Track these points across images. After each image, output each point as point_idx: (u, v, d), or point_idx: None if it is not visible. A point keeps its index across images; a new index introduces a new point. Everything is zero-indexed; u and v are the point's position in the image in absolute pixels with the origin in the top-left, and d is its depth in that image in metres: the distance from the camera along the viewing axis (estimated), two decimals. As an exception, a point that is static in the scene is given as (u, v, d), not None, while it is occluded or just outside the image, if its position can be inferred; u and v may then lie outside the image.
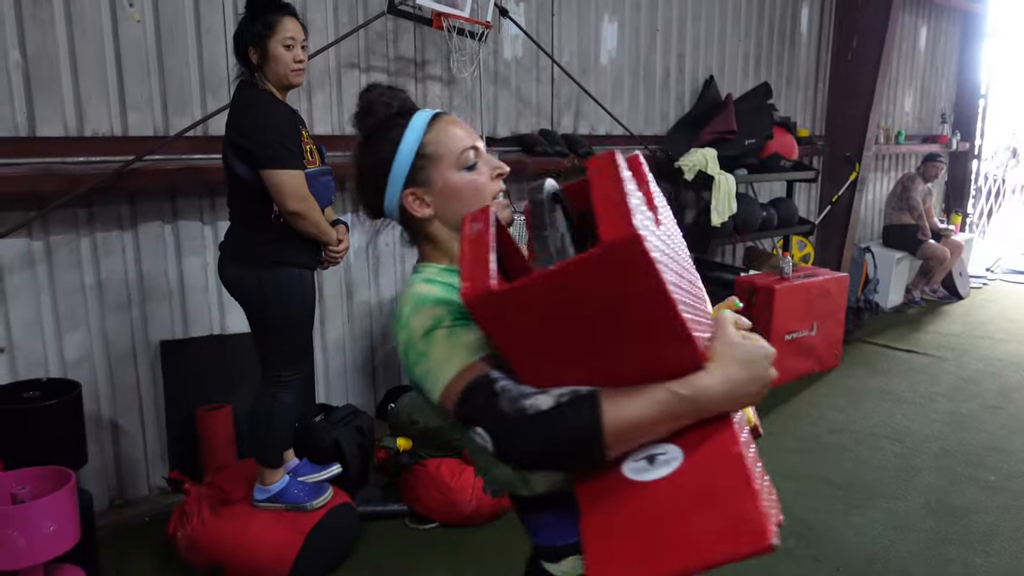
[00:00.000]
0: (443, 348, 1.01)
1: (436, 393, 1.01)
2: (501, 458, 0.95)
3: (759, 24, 5.87)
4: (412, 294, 1.09)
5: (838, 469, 3.67)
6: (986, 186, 9.45)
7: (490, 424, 0.94)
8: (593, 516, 0.93)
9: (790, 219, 5.44)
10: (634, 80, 5.05)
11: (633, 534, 0.89)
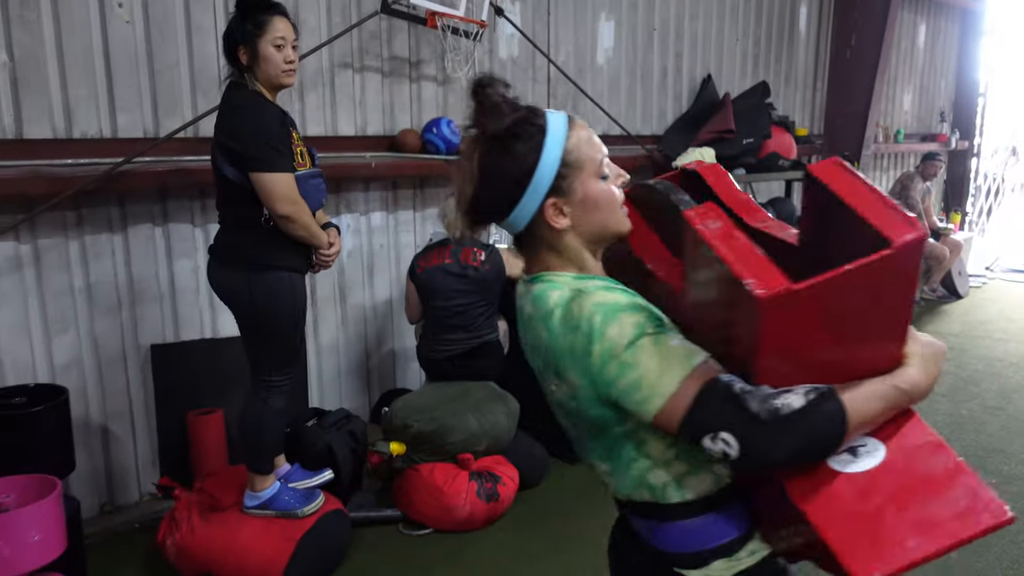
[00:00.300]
0: (655, 356, 1.00)
1: (653, 403, 0.99)
2: (745, 461, 0.94)
3: (757, 23, 5.84)
4: (596, 303, 1.04)
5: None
6: (985, 184, 9.41)
7: (738, 427, 0.93)
8: (819, 512, 0.95)
9: (789, 218, 5.39)
10: (631, 79, 5.01)
11: (872, 524, 0.92)
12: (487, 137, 1.11)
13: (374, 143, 3.77)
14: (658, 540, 1.16)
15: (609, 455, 1.14)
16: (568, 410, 1.14)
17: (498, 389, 3.38)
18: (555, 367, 1.10)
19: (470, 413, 3.16)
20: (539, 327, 1.12)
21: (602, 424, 1.09)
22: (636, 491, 1.15)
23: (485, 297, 3.35)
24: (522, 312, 1.19)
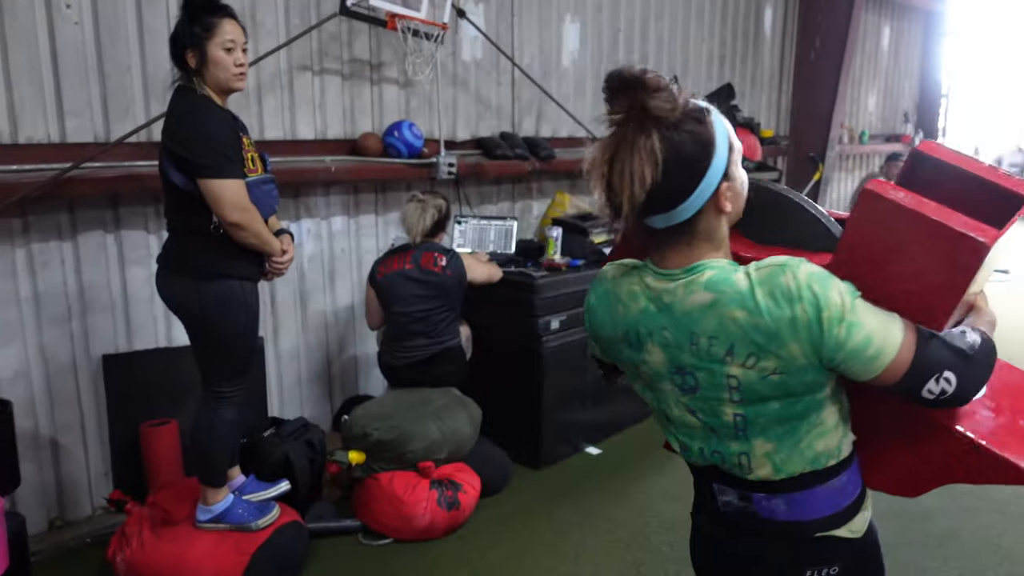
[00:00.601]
0: (873, 314, 1.09)
1: (886, 354, 1.08)
2: (958, 395, 1.10)
3: (723, 24, 5.86)
4: (808, 272, 1.08)
5: (800, 474, 3.65)
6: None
7: (956, 364, 1.08)
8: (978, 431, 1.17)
9: (754, 220, 5.43)
10: (597, 81, 4.99)
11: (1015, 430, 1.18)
12: (662, 122, 1.08)
13: (334, 147, 3.72)
14: (801, 511, 1.20)
15: (782, 432, 1.17)
16: (759, 389, 1.13)
17: (460, 395, 3.36)
18: (760, 344, 1.10)
19: (431, 420, 3.12)
20: (731, 310, 1.11)
21: (805, 390, 1.13)
22: (798, 463, 1.19)
23: (447, 302, 3.32)
24: (684, 297, 1.15)
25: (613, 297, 1.25)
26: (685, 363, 1.18)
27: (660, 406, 1.28)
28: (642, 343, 1.21)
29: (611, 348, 1.29)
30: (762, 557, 1.25)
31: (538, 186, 4.76)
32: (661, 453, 3.97)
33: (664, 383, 1.22)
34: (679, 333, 1.16)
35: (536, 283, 3.53)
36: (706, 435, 1.23)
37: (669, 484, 3.55)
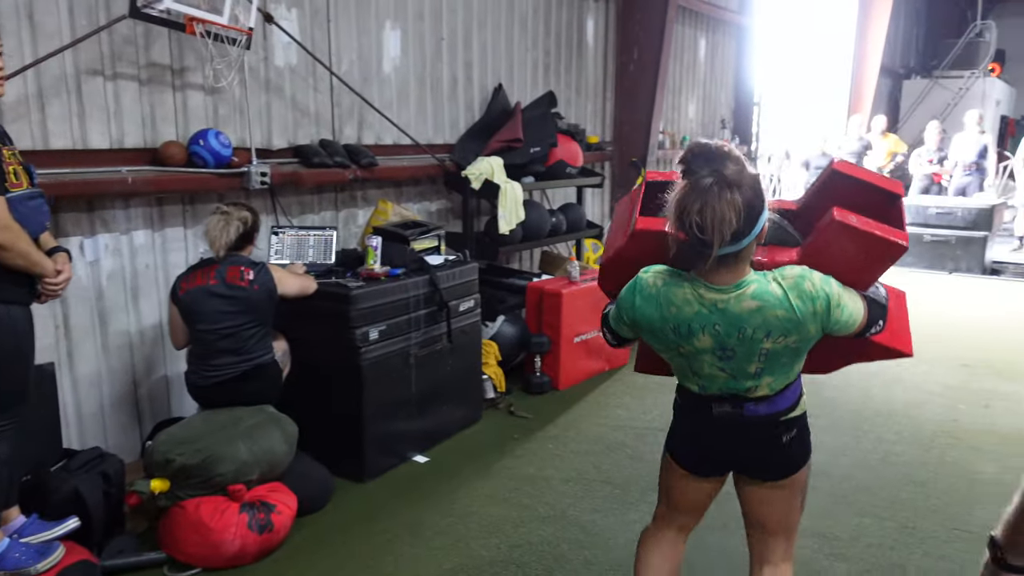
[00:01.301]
0: (849, 296, 1.84)
1: (857, 319, 1.85)
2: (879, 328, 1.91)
3: (546, 34, 6.02)
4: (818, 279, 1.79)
5: (617, 467, 3.81)
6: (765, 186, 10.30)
7: (882, 312, 1.90)
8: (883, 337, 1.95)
9: (578, 223, 5.63)
10: (420, 88, 5.00)
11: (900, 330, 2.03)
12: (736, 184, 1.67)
13: (133, 156, 3.51)
14: (776, 405, 1.90)
15: (781, 370, 1.86)
16: (790, 352, 1.83)
17: (274, 413, 3.25)
18: (792, 330, 1.78)
19: (241, 441, 3.01)
20: (773, 311, 1.76)
21: (805, 347, 1.86)
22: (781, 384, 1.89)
23: (256, 318, 3.21)
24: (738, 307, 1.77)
25: (664, 300, 1.84)
26: (730, 345, 1.81)
27: (691, 366, 1.90)
28: (693, 333, 1.82)
29: (653, 333, 1.90)
30: (746, 436, 1.95)
31: (363, 194, 4.70)
32: (489, 457, 4.03)
33: (705, 356, 1.85)
34: (730, 327, 1.79)
35: (352, 294, 3.48)
36: (726, 380, 1.88)
37: (494, 488, 3.60)
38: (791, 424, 1.93)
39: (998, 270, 9.11)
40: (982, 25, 15.03)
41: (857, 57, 12.29)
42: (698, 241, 1.69)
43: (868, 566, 2.97)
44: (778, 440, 1.94)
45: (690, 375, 1.93)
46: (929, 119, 12.29)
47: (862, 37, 12.26)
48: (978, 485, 3.62)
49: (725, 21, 8.55)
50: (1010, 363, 5.45)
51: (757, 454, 1.98)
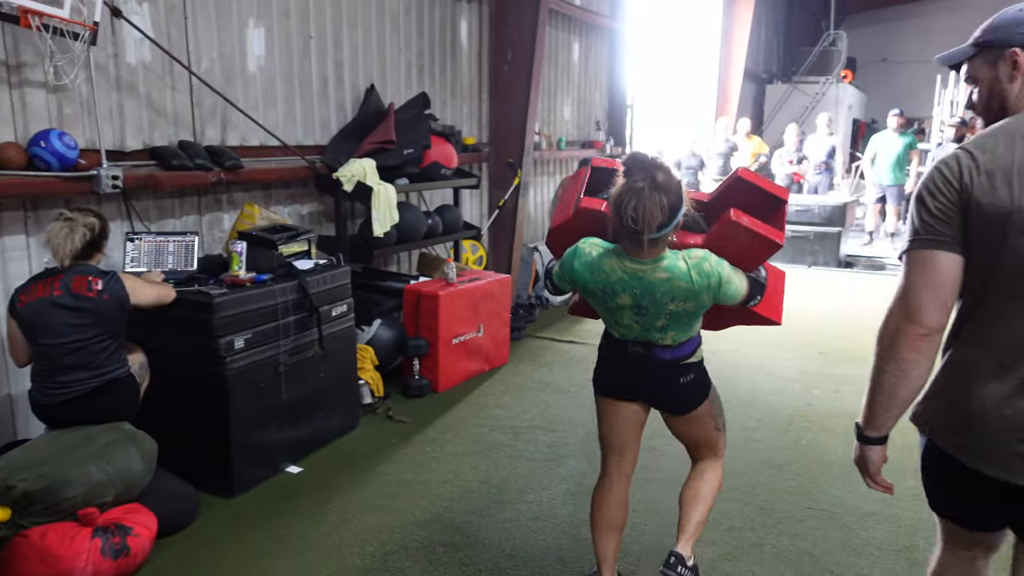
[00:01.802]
0: (735, 274, 2.36)
1: (740, 293, 2.38)
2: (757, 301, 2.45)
3: (419, 35, 5.98)
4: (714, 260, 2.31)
5: (495, 467, 3.84)
6: (640, 185, 10.65)
7: (761, 288, 2.42)
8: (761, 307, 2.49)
9: (455, 225, 5.63)
10: (288, 88, 4.86)
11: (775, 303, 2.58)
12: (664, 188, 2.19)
13: (-36, 159, 3.23)
14: (677, 353, 2.45)
15: (682, 326, 2.40)
16: (687, 314, 2.37)
17: (130, 429, 3.08)
18: (690, 298, 2.30)
19: (92, 462, 2.83)
20: (678, 282, 2.28)
21: (701, 311, 2.39)
22: (683, 337, 2.43)
23: (106, 330, 3.02)
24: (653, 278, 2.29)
25: (596, 266, 2.36)
26: (644, 304, 2.34)
27: (615, 317, 2.45)
28: (616, 293, 2.35)
29: (586, 290, 2.43)
30: (654, 373, 2.47)
31: (229, 197, 4.53)
32: (365, 463, 3.97)
33: (624, 311, 2.38)
34: (644, 291, 2.31)
35: (214, 302, 3.34)
36: (640, 331, 2.42)
37: (370, 495, 3.55)
38: (689, 368, 2.49)
39: (851, 263, 9.78)
40: (835, 35, 16.12)
41: (723, 63, 12.89)
42: (632, 230, 2.21)
43: (730, 548, 3.12)
44: (677, 381, 2.48)
45: (613, 324, 2.50)
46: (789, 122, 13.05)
47: (727, 44, 12.88)
48: (829, 465, 3.87)
49: (597, 26, 8.76)
50: (860, 349, 5.86)
51: (662, 390, 2.52)
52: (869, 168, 10.76)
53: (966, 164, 1.64)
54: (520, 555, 3.05)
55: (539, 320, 6.65)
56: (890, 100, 17.58)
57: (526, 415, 4.52)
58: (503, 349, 5.47)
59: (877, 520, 3.32)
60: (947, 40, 10.72)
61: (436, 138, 5.37)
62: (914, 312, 1.69)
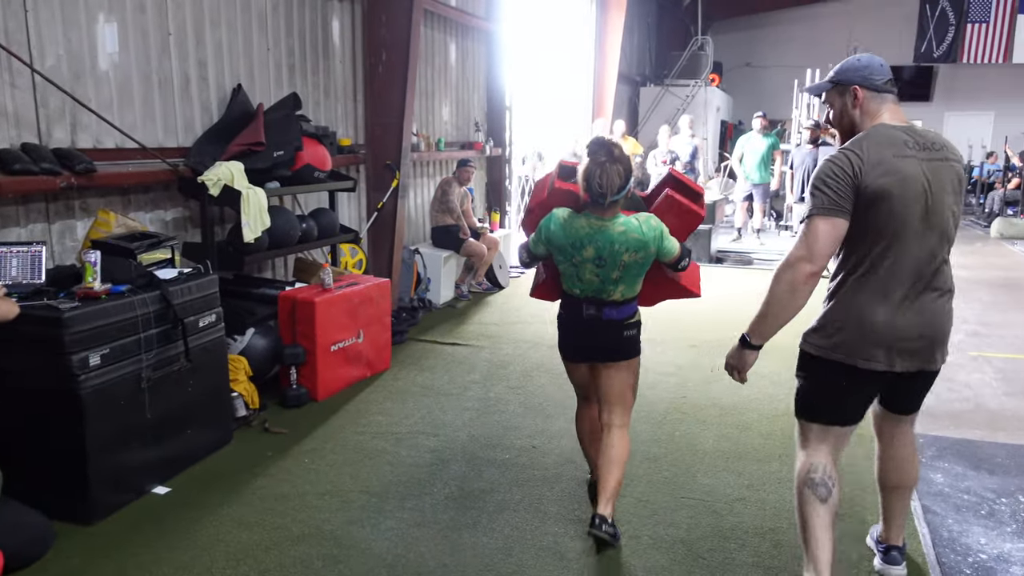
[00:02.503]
0: (671, 238, 3.07)
1: (674, 251, 3.06)
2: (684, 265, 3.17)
3: (288, 33, 5.80)
4: (657, 222, 3.05)
5: (376, 475, 3.77)
6: (520, 185, 10.76)
7: (688, 253, 3.15)
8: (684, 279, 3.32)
9: (331, 228, 5.49)
10: (146, 88, 4.60)
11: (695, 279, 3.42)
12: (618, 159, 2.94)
13: None
14: (622, 313, 3.10)
15: (629, 281, 3.05)
16: (637, 266, 3.02)
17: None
18: (641, 247, 2.97)
19: (-78, 497, 2.57)
20: (632, 234, 2.96)
21: (648, 263, 3.03)
22: (632, 293, 3.10)
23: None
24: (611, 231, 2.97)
25: (567, 225, 3.03)
26: (604, 255, 2.97)
27: (577, 273, 3.06)
28: (584, 245, 2.98)
29: (559, 247, 3.05)
30: (604, 331, 3.13)
31: (82, 204, 4.23)
32: (239, 479, 3.81)
33: (588, 264, 3.00)
34: (605, 242, 2.96)
35: (64, 316, 3.11)
36: (598, 285, 3.04)
37: (244, 512, 3.41)
38: (632, 326, 3.20)
39: (722, 259, 10.26)
40: (702, 40, 16.83)
41: (597, 65, 13.22)
42: (598, 193, 2.95)
43: (609, 541, 3.19)
44: (621, 334, 3.18)
45: (576, 280, 3.12)
46: (662, 123, 13.52)
47: (601, 47, 13.21)
48: (702, 455, 4.03)
49: (474, 27, 8.79)
50: (730, 341, 6.12)
51: (609, 343, 3.18)
52: (739, 167, 11.31)
53: (854, 160, 2.40)
54: (402, 564, 3.00)
55: (422, 323, 6.60)
56: (755, 102, 18.55)
57: (408, 420, 4.47)
58: (385, 354, 5.39)
59: (745, 505, 3.49)
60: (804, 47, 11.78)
61: (308, 140, 5.23)
62: (816, 256, 2.39)
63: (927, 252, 2.43)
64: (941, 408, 4.77)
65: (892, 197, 2.36)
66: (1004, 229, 12.64)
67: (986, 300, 7.91)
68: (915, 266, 2.42)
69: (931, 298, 2.47)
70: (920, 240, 2.41)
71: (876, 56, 2.60)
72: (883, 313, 2.42)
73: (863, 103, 2.53)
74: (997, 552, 3.12)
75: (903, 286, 2.43)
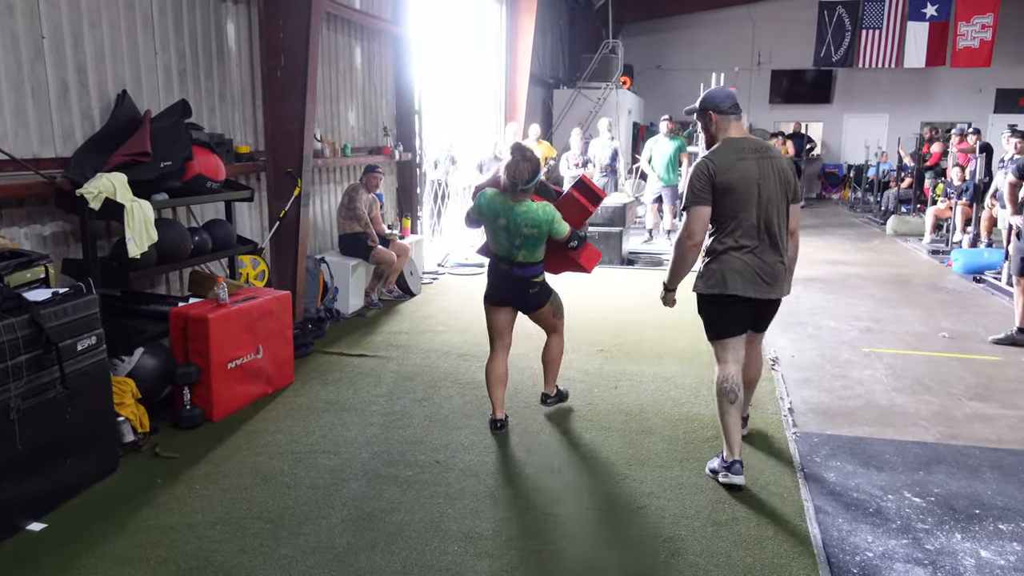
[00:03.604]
0: (563, 222, 4.17)
1: (564, 232, 4.16)
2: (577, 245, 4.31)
3: (178, 36, 5.55)
4: (547, 205, 4.15)
5: (272, 499, 3.63)
6: (433, 190, 10.66)
7: (580, 238, 4.30)
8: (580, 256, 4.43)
9: (228, 240, 5.29)
10: (18, 95, 4.31)
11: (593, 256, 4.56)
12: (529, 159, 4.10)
13: None
14: (525, 272, 4.23)
15: (529, 248, 4.17)
16: (533, 238, 4.14)
17: None
18: (535, 225, 4.09)
19: None
20: (534, 216, 4.07)
21: (541, 239, 4.15)
22: (533, 258, 4.21)
23: None
24: (518, 210, 4.11)
25: (492, 201, 4.19)
26: (510, 225, 4.12)
27: (495, 236, 4.22)
28: (500, 216, 4.14)
29: (486, 217, 4.22)
30: (513, 286, 4.29)
31: (-55, 220, 3.94)
32: (124, 510, 3.61)
33: (500, 230, 4.16)
34: (513, 216, 4.11)
35: (-85, 347, 2.87)
36: (507, 247, 4.19)
37: (128, 545, 3.23)
38: (535, 285, 4.32)
39: (633, 260, 10.40)
40: (613, 43, 17.07)
41: (509, 68, 13.22)
42: (512, 182, 4.07)
43: (510, 560, 3.14)
44: (527, 292, 4.33)
45: (495, 242, 4.26)
46: (576, 126, 13.65)
47: (512, 50, 13.23)
48: (605, 463, 4.04)
49: (380, 30, 8.64)
50: (637, 345, 6.22)
51: (519, 296, 4.35)
52: (649, 169, 11.49)
53: (710, 166, 3.59)
54: (293, 594, 2.89)
55: (329, 334, 6.44)
56: (666, 105, 18.92)
57: (308, 439, 4.33)
58: (287, 368, 5.22)
59: (645, 514, 3.51)
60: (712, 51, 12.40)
61: (200, 149, 5.01)
62: (693, 234, 3.64)
63: (764, 221, 3.60)
64: (836, 406, 4.94)
65: (736, 188, 3.55)
66: (898, 227, 13.28)
67: (879, 297, 8.27)
68: (756, 232, 3.60)
69: (771, 252, 3.64)
70: (758, 213, 3.58)
71: (724, 89, 3.81)
72: (738, 262, 3.61)
73: (717, 122, 3.70)
74: (882, 549, 3.23)
75: (751, 244, 3.60)
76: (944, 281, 9.23)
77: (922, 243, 12.02)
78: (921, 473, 3.96)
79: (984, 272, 9.13)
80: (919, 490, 3.76)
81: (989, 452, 4.23)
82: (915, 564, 3.12)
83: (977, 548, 3.25)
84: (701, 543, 3.25)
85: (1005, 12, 17.96)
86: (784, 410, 4.80)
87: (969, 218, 11.10)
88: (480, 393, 4.95)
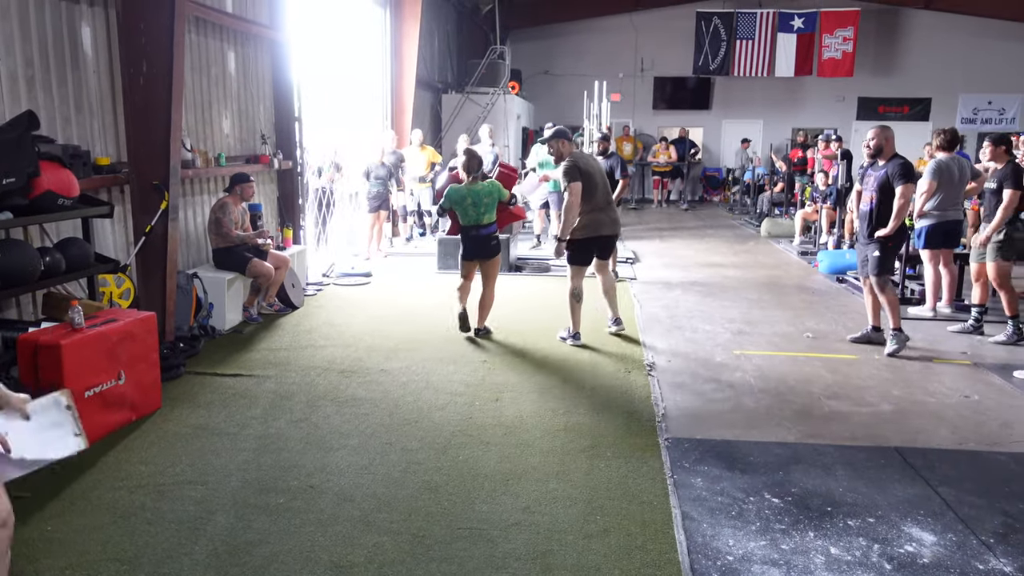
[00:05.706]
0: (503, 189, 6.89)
1: (505, 196, 6.85)
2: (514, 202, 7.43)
3: (26, 42, 5.19)
4: (493, 182, 6.85)
5: (129, 537, 3.44)
6: (317, 198, 10.42)
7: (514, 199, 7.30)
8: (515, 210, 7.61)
9: (84, 260, 4.99)
10: None
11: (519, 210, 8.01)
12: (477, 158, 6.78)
13: None
14: (489, 231, 6.70)
15: (489, 212, 6.67)
16: (491, 204, 6.66)
17: None
18: (490, 194, 6.65)
19: None
20: (489, 188, 6.66)
21: (494, 203, 6.71)
22: (491, 219, 6.70)
23: None
24: (475, 188, 6.60)
25: (459, 191, 6.63)
26: (475, 200, 6.60)
27: (465, 212, 6.61)
28: (465, 199, 6.60)
29: (456, 202, 6.64)
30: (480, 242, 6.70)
31: None
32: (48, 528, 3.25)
33: (469, 207, 6.60)
34: (474, 195, 6.60)
35: None
36: (475, 216, 6.63)
37: None
38: (494, 238, 6.70)
39: (521, 266, 10.49)
40: (500, 49, 17.20)
41: (395, 73, 13.10)
42: (469, 173, 6.57)
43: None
44: (490, 243, 6.68)
45: (466, 216, 6.59)
46: (465, 131, 13.64)
47: (397, 54, 13.11)
48: (482, 480, 4.04)
49: (256, 35, 8.36)
50: (520, 355, 6.28)
51: (486, 248, 6.66)
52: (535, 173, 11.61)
53: (580, 162, 6.44)
54: (148, 642, 2.74)
55: (203, 353, 6.17)
56: (555, 110, 19.24)
57: (174, 468, 4.13)
58: (153, 393, 4.97)
59: (519, 530, 3.53)
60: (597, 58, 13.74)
61: (49, 163, 4.69)
62: (575, 200, 6.29)
63: (605, 195, 6.53)
64: (706, 409, 5.14)
65: (593, 175, 6.39)
66: (771, 229, 13.97)
67: (752, 299, 8.67)
68: (600, 202, 6.45)
69: (609, 210, 6.60)
70: (601, 192, 6.46)
71: (562, 125, 7.04)
72: (597, 215, 6.45)
73: (565, 145, 6.56)
74: (742, 552, 3.38)
75: (600, 205, 6.44)
76: (811, 282, 9.78)
77: (793, 245, 12.70)
78: (781, 473, 4.17)
79: (847, 272, 9.72)
80: (778, 491, 3.96)
81: (843, 450, 4.50)
82: (771, 565, 3.28)
83: (827, 545, 3.44)
84: (573, 557, 3.30)
85: (864, 27, 19.26)
86: (658, 416, 4.95)
87: (834, 221, 11.81)
88: (359, 411, 4.86)
